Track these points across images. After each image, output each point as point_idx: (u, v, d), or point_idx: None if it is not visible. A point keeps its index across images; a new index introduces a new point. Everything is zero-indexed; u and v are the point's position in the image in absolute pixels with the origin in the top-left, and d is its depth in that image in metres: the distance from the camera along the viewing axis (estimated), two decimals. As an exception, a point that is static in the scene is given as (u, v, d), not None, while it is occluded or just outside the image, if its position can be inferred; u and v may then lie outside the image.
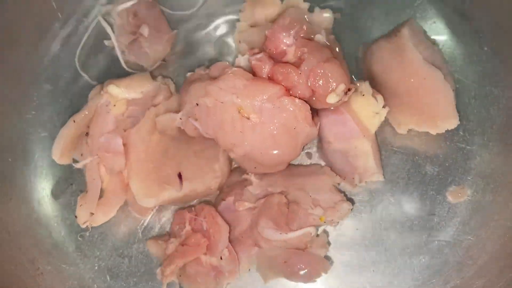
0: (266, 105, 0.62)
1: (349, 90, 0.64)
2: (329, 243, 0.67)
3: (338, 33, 0.70)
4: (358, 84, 0.66)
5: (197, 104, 0.65)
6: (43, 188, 0.71)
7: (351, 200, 0.68)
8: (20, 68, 0.72)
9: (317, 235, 0.66)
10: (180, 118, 0.66)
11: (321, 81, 0.63)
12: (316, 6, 0.71)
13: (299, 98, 0.63)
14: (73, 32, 0.76)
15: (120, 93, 0.67)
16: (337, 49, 0.70)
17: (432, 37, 0.71)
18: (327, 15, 0.71)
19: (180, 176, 0.66)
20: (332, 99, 0.63)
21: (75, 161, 0.70)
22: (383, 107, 0.66)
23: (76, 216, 0.67)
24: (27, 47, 0.73)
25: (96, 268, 0.69)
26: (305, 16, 0.70)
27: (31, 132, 0.72)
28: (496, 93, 0.69)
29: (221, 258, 0.63)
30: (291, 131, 0.64)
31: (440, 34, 0.71)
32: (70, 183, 0.71)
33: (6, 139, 0.71)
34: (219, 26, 0.76)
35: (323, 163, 0.70)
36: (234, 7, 0.75)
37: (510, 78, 0.68)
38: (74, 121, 0.68)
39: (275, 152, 0.64)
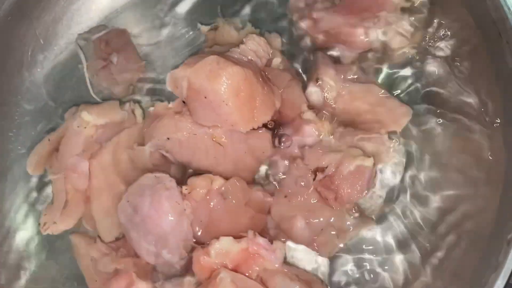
0: (236, 131, 0.69)
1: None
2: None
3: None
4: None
5: (168, 138, 0.70)
6: (18, 200, 0.78)
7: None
8: (3, 90, 0.79)
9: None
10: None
11: (287, 105, 0.71)
12: (266, 31, 0.78)
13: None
14: (53, 56, 0.83)
15: (91, 119, 0.75)
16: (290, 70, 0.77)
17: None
18: (278, 39, 0.78)
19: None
20: (307, 116, 0.71)
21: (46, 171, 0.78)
22: None
23: (39, 224, 0.74)
24: (11, 70, 0.80)
25: (66, 274, 0.75)
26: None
27: (11, 149, 0.79)
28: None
29: None
30: (257, 154, 0.72)
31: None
32: (43, 195, 0.78)
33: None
34: (186, 56, 0.81)
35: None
36: (200, 39, 0.82)
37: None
38: (49, 140, 0.76)
39: (244, 173, 0.71)
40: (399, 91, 0.76)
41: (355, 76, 0.74)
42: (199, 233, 0.69)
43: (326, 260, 0.71)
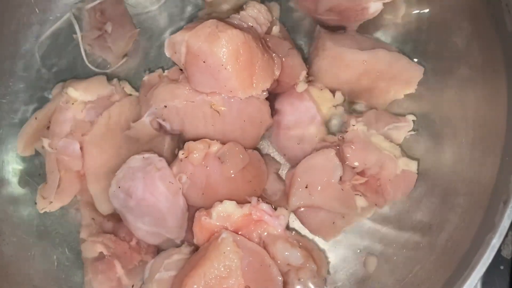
0: (235, 99, 0.68)
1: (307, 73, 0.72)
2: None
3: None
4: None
5: (165, 106, 0.69)
6: (14, 171, 0.78)
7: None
8: (-1, 57, 0.79)
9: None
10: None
11: (286, 73, 0.70)
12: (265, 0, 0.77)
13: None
14: (48, 26, 0.81)
15: (77, 95, 0.74)
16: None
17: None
18: (276, 8, 0.77)
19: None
20: (301, 88, 0.72)
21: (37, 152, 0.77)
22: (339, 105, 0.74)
23: (35, 203, 0.74)
24: (6, 37, 0.79)
25: (57, 241, 0.75)
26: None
27: (4, 117, 0.78)
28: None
29: None
30: (257, 123, 0.71)
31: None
32: (39, 167, 0.77)
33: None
34: (182, 26, 0.80)
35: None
36: (196, 8, 0.81)
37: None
38: (35, 118, 0.75)
39: (243, 143, 0.70)
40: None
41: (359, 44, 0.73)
42: (197, 199, 0.68)
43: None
